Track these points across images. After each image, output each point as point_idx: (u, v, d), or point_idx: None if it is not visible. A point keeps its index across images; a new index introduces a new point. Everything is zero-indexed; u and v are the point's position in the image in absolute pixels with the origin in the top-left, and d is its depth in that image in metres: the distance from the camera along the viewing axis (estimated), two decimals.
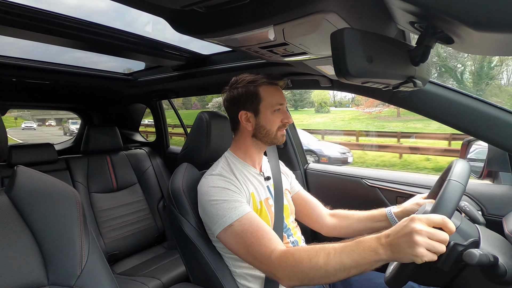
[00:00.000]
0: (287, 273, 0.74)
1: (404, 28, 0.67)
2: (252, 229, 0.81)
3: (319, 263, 0.69)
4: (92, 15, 39.63)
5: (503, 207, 1.03)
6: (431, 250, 0.57)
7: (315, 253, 0.71)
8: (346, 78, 0.52)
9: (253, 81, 0.96)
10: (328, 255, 0.69)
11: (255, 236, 0.80)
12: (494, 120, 0.87)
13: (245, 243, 0.81)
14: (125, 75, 1.94)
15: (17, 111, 23.80)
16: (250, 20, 0.66)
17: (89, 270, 0.62)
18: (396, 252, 0.61)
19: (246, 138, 1.00)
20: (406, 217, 0.64)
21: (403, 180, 1.34)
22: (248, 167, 1.01)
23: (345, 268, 0.66)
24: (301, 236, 1.07)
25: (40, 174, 0.66)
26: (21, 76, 1.55)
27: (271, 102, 0.95)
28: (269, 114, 0.96)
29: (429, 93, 0.96)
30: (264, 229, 0.82)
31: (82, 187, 1.84)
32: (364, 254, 0.65)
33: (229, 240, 0.84)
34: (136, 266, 1.72)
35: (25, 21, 0.93)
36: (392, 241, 0.62)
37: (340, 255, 0.68)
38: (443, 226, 0.59)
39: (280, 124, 0.97)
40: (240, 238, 0.81)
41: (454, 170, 0.69)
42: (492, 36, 0.45)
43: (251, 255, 0.80)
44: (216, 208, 0.85)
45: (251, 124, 0.97)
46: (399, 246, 0.60)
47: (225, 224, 0.83)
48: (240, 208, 0.85)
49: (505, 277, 0.59)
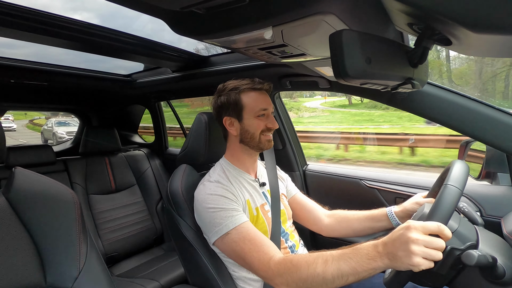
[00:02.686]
0: (285, 280, 0.74)
1: (402, 29, 0.67)
2: (250, 237, 0.82)
3: (317, 270, 0.69)
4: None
5: (502, 208, 1.03)
6: (428, 258, 0.58)
7: (313, 260, 0.71)
8: (345, 80, 0.52)
9: (235, 88, 0.95)
10: (326, 262, 0.69)
11: (253, 244, 0.80)
12: (492, 121, 0.87)
13: (242, 250, 0.81)
14: (124, 76, 1.93)
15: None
16: (249, 21, 0.66)
17: (87, 271, 0.62)
18: (393, 261, 0.61)
19: (235, 144, 1.00)
20: (402, 225, 0.64)
21: (401, 181, 1.34)
22: (242, 174, 1.00)
23: (343, 275, 0.67)
24: (299, 239, 1.07)
25: (38, 175, 0.66)
26: (19, 77, 1.55)
27: (254, 109, 0.94)
28: (252, 119, 0.95)
29: (428, 94, 0.96)
30: (262, 237, 0.83)
31: (81, 188, 1.84)
32: (362, 262, 0.65)
33: (226, 248, 0.85)
34: (134, 268, 1.72)
35: (24, 22, 0.93)
36: (389, 250, 0.62)
37: (338, 262, 0.68)
38: (439, 233, 0.59)
39: (264, 128, 0.95)
40: (237, 245, 0.82)
41: (451, 173, 0.69)
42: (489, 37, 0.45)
43: (249, 262, 0.80)
44: (213, 216, 0.85)
45: (235, 128, 0.97)
46: (396, 255, 0.60)
47: (222, 232, 0.84)
48: (237, 217, 0.85)
49: (503, 277, 0.59)
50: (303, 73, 1.25)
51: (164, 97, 2.22)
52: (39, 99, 2.13)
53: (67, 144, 2.66)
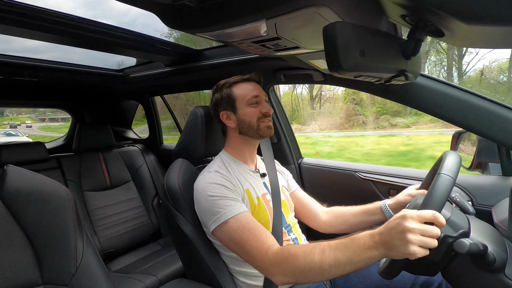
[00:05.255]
0: (282, 269, 0.74)
1: (395, 21, 0.67)
2: (249, 226, 0.82)
3: (315, 260, 0.70)
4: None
5: (492, 197, 1.05)
6: (424, 246, 0.59)
7: (310, 249, 0.72)
8: (339, 72, 0.52)
9: (226, 83, 1.01)
10: (323, 252, 0.70)
11: (252, 233, 0.81)
12: (484, 112, 0.88)
13: (241, 239, 0.81)
14: (116, 71, 1.90)
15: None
16: (242, 14, 0.65)
17: (84, 268, 0.62)
18: (390, 249, 0.62)
19: (235, 137, 1.03)
20: (398, 214, 0.64)
21: (395, 173, 1.36)
22: (242, 165, 1.02)
23: (340, 264, 0.67)
24: (301, 234, 1.08)
25: (31, 173, 0.65)
26: (8, 73, 1.51)
27: (245, 97, 0.98)
28: (246, 108, 0.98)
29: (421, 86, 0.97)
30: (261, 227, 0.83)
31: (75, 185, 1.82)
32: (359, 251, 0.66)
33: (224, 236, 0.85)
34: (132, 264, 1.72)
35: (13, 17, 0.91)
36: (385, 239, 0.63)
37: (335, 252, 0.68)
38: (434, 221, 0.60)
39: (260, 115, 0.98)
40: (236, 234, 0.82)
41: (444, 163, 0.70)
42: (482, 29, 0.45)
43: (247, 251, 0.80)
44: (212, 204, 0.86)
45: (233, 121, 1.00)
46: (393, 244, 0.61)
47: (221, 221, 0.84)
48: (236, 206, 0.85)
49: (494, 265, 0.60)
50: (297, 66, 1.25)
51: (158, 92, 2.19)
52: (29, 95, 2.09)
53: (60, 140, 2.62)
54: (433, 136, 7.73)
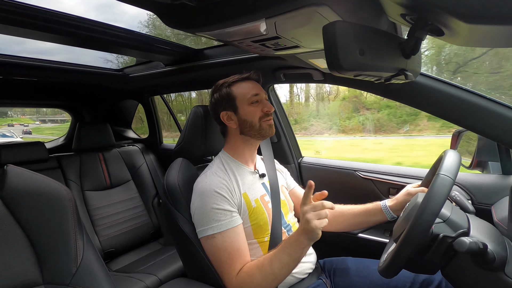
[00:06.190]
0: None
1: (395, 20, 0.67)
2: (231, 248, 0.86)
3: (267, 270, 0.80)
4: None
5: (492, 196, 1.06)
6: (320, 218, 0.74)
7: (262, 263, 0.82)
8: (339, 71, 0.52)
9: (225, 83, 1.00)
10: (271, 260, 0.80)
11: (230, 258, 0.85)
12: (483, 111, 0.88)
13: (220, 259, 0.86)
14: (116, 70, 1.90)
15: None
16: (241, 13, 0.65)
17: (85, 268, 0.62)
18: (306, 233, 0.75)
19: (235, 137, 1.02)
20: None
21: (395, 172, 1.36)
22: (241, 166, 1.01)
23: (284, 264, 0.79)
24: None
25: (31, 173, 0.65)
26: (8, 73, 1.51)
27: (246, 96, 0.97)
28: (247, 107, 0.97)
29: (421, 85, 0.97)
30: (240, 250, 0.87)
31: (75, 185, 1.82)
32: (294, 246, 0.78)
33: (207, 247, 0.89)
34: (132, 263, 1.72)
35: (14, 17, 0.91)
36: (301, 228, 0.77)
37: (279, 255, 0.80)
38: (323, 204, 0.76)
39: (261, 114, 0.98)
40: (217, 252, 0.86)
41: (444, 163, 0.70)
42: (481, 28, 0.45)
43: (220, 269, 0.87)
44: (205, 214, 0.87)
45: (234, 121, 0.99)
46: (306, 229, 0.75)
47: (208, 233, 0.87)
48: (226, 221, 0.87)
49: (493, 263, 0.60)
50: (297, 65, 1.25)
51: (157, 92, 2.19)
52: (29, 95, 2.09)
53: (60, 140, 2.62)
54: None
